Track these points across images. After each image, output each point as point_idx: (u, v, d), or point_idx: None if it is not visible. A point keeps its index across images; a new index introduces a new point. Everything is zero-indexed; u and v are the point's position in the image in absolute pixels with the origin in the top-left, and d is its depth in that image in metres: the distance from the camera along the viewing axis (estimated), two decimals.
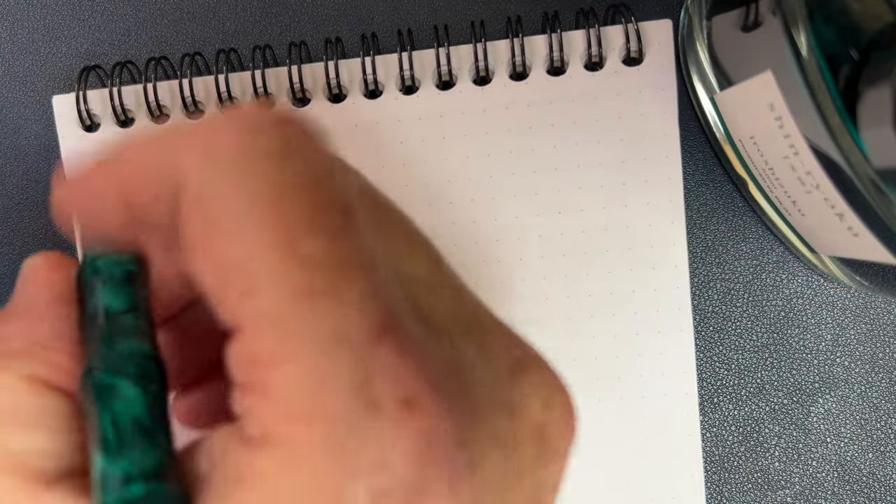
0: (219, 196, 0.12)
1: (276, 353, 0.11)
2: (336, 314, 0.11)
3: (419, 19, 0.27)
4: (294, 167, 0.12)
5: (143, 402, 0.13)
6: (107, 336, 0.13)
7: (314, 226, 0.11)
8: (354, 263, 0.11)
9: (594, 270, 0.26)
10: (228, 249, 0.11)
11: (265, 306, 0.11)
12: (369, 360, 0.11)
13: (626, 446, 0.26)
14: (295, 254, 0.11)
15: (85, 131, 0.26)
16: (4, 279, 0.27)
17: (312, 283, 0.11)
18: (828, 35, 0.18)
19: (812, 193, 0.21)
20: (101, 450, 0.12)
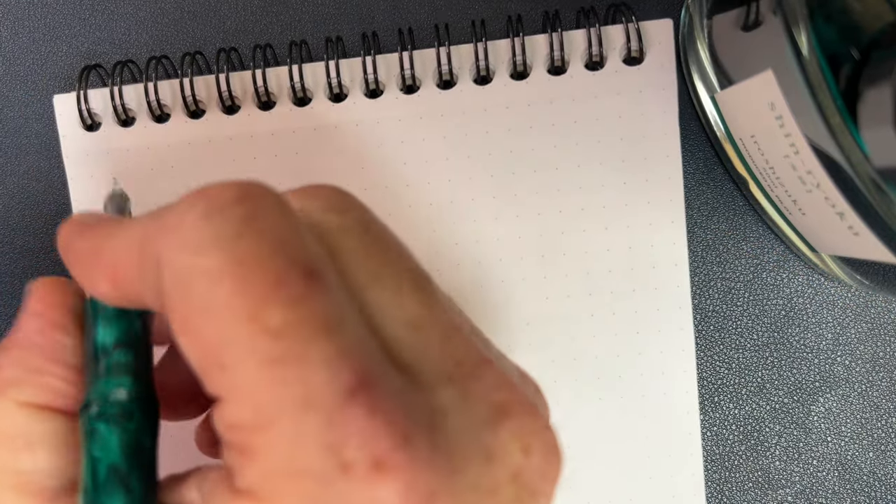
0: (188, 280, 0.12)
1: (253, 420, 0.12)
2: (303, 379, 0.12)
3: (420, 18, 0.27)
4: (249, 243, 0.12)
5: (119, 446, 0.14)
6: (97, 373, 0.15)
7: (275, 296, 0.12)
8: (320, 326, 0.12)
9: (594, 269, 0.26)
10: (202, 329, 0.12)
11: (238, 379, 0.12)
12: (339, 421, 0.12)
13: (626, 445, 0.26)
14: (260, 326, 0.12)
15: (86, 130, 0.26)
16: (4, 279, 0.27)
17: (278, 352, 0.12)
18: (828, 34, 0.18)
19: (812, 192, 0.21)
20: (82, 494, 0.14)
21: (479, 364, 0.14)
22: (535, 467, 0.13)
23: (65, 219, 0.16)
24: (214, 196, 0.13)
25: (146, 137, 0.26)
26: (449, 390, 0.13)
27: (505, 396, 0.13)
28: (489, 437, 0.13)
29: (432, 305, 0.14)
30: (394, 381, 0.12)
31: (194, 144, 0.26)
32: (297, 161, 0.26)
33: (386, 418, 0.12)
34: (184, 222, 0.13)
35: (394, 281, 0.14)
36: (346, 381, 0.12)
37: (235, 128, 0.26)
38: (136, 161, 0.26)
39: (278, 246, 0.13)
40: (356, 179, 0.26)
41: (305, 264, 0.13)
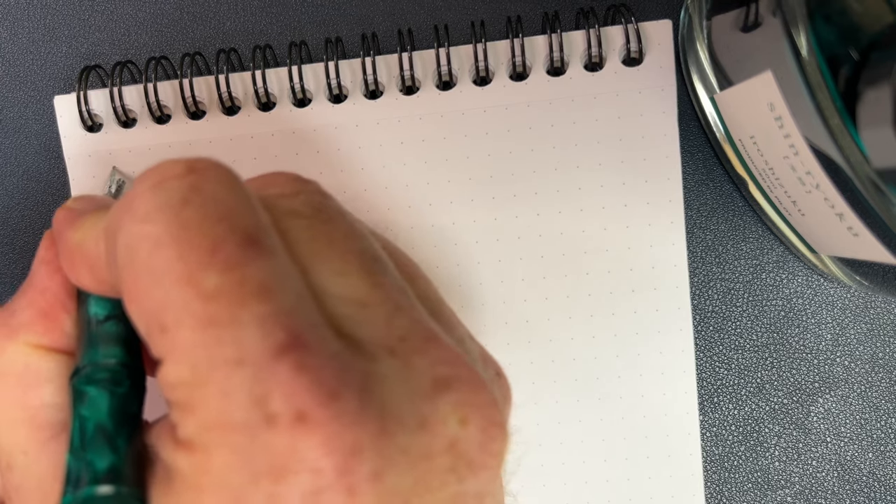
0: (134, 247, 0.13)
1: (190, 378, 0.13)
2: (235, 339, 0.12)
3: (419, 19, 0.27)
4: (193, 209, 0.13)
5: (108, 406, 0.15)
6: (89, 342, 0.16)
7: (213, 260, 0.13)
8: (255, 289, 0.13)
9: (594, 270, 0.26)
10: (145, 293, 0.13)
11: (177, 340, 0.13)
12: (266, 376, 0.12)
13: (625, 445, 0.26)
14: (196, 288, 0.13)
15: (87, 131, 0.26)
16: (4, 279, 0.27)
17: (213, 314, 0.12)
18: (828, 35, 0.19)
19: (812, 193, 0.21)
20: (69, 448, 0.15)
21: (426, 340, 0.14)
22: (473, 439, 0.13)
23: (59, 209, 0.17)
24: (164, 170, 0.14)
25: (147, 138, 0.26)
26: (389, 360, 0.13)
27: (448, 371, 0.14)
28: (426, 407, 0.13)
29: (379, 286, 0.14)
30: (329, 344, 0.13)
31: (195, 145, 0.26)
32: (297, 162, 0.26)
33: (313, 375, 0.12)
34: (135, 196, 0.14)
35: (339, 261, 0.14)
36: (277, 340, 0.12)
37: (236, 129, 0.26)
38: (137, 162, 0.26)
39: (221, 214, 0.13)
40: (356, 180, 0.26)
41: (246, 231, 0.13)
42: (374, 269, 0.15)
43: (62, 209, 0.17)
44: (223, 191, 0.14)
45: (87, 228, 0.16)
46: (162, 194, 0.13)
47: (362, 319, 0.14)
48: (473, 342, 0.16)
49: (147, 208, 0.13)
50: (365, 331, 0.14)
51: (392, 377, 0.13)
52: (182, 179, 0.14)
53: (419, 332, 0.14)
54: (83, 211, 0.17)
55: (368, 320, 0.14)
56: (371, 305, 0.14)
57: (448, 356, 0.14)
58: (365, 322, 0.14)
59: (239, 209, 0.14)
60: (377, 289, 0.14)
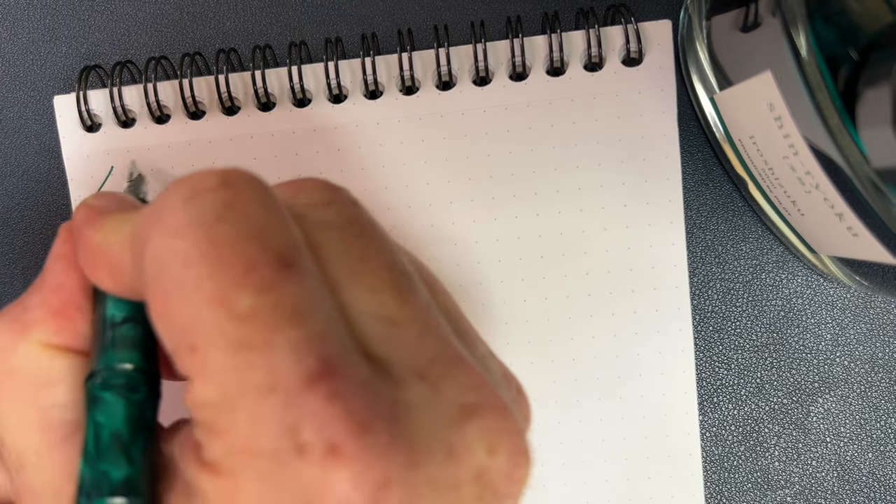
0: (164, 262, 0.13)
1: (219, 400, 0.12)
2: (266, 365, 0.12)
3: (419, 19, 0.27)
4: (226, 227, 0.13)
5: (124, 414, 0.14)
6: (105, 344, 0.15)
7: (246, 281, 0.12)
8: (288, 313, 0.12)
9: (593, 270, 0.26)
10: (175, 310, 0.13)
11: (207, 360, 0.12)
12: (298, 405, 0.12)
13: (625, 445, 0.26)
14: (229, 310, 0.12)
15: (86, 132, 0.26)
16: (4, 279, 0.27)
17: (245, 337, 0.12)
18: (827, 35, 0.19)
19: (811, 193, 0.21)
20: (83, 456, 0.14)
21: (453, 363, 0.14)
22: (501, 468, 0.13)
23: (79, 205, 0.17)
24: (196, 182, 0.13)
25: (146, 138, 0.26)
26: (418, 386, 0.13)
27: (476, 397, 0.13)
28: (454, 435, 0.13)
29: (409, 303, 0.14)
30: (360, 370, 0.13)
31: (194, 145, 0.26)
32: (297, 162, 0.26)
33: (345, 405, 0.12)
34: (165, 207, 0.13)
35: (371, 277, 0.14)
36: (310, 366, 0.12)
37: (235, 129, 0.26)
38: (137, 162, 0.26)
39: (254, 232, 0.13)
40: (356, 180, 0.26)
41: (279, 251, 0.13)
42: (404, 286, 0.14)
43: (83, 206, 0.17)
44: (257, 207, 0.13)
45: (110, 231, 0.15)
46: (194, 209, 0.13)
47: (391, 339, 0.14)
48: (494, 359, 0.16)
49: (178, 222, 0.13)
50: (394, 352, 0.13)
51: (420, 404, 0.13)
52: (215, 193, 0.13)
53: (447, 354, 0.14)
54: (105, 209, 0.16)
55: (397, 340, 0.14)
56: (401, 324, 0.14)
57: (474, 381, 0.14)
58: (393, 342, 0.14)
59: (272, 227, 0.13)
60: (407, 307, 0.14)
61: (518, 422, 0.14)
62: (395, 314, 0.14)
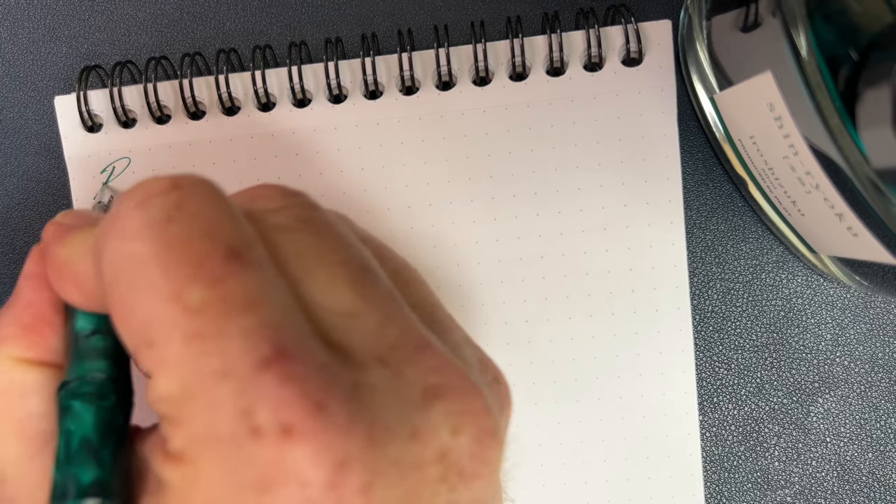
0: (120, 267, 0.13)
1: (178, 392, 0.13)
2: (220, 352, 0.12)
3: (419, 20, 0.27)
4: (176, 226, 0.13)
5: (93, 420, 0.15)
6: (75, 356, 0.16)
7: (197, 275, 0.13)
8: (240, 302, 0.13)
9: (593, 270, 0.26)
10: (132, 310, 0.13)
11: (164, 354, 0.13)
12: (251, 388, 0.12)
13: (624, 445, 0.26)
14: (182, 304, 0.13)
15: (87, 132, 0.26)
16: (4, 279, 0.27)
17: (198, 328, 0.13)
18: (827, 35, 0.19)
19: (811, 193, 0.21)
20: (55, 463, 0.15)
21: (417, 349, 0.14)
22: (465, 448, 0.13)
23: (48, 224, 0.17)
24: (148, 187, 0.14)
25: (147, 139, 0.26)
26: (379, 370, 0.13)
27: (440, 379, 0.14)
28: (417, 416, 0.13)
29: (368, 296, 0.14)
30: (317, 355, 0.13)
31: (195, 145, 0.26)
32: (296, 162, 0.26)
33: (300, 386, 0.12)
34: (119, 214, 0.14)
35: (327, 273, 0.14)
36: (263, 352, 0.12)
37: (235, 129, 0.26)
38: (137, 162, 0.26)
39: (204, 229, 0.13)
40: (355, 180, 0.26)
41: (229, 245, 0.13)
42: (363, 279, 0.15)
43: (51, 224, 0.17)
44: (207, 206, 0.14)
45: (76, 245, 0.16)
46: (146, 212, 0.14)
47: (351, 329, 0.14)
48: (471, 347, 0.16)
49: (131, 226, 0.13)
50: (354, 341, 0.14)
51: (382, 387, 0.13)
52: (166, 196, 0.14)
53: (410, 340, 0.14)
54: (72, 226, 0.17)
55: (358, 330, 0.14)
56: (360, 315, 0.14)
57: (439, 364, 0.14)
58: (354, 332, 0.14)
59: (222, 224, 0.14)
60: (365, 299, 0.14)
61: (487, 403, 0.14)
62: (353, 306, 0.14)
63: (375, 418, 0.13)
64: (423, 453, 0.13)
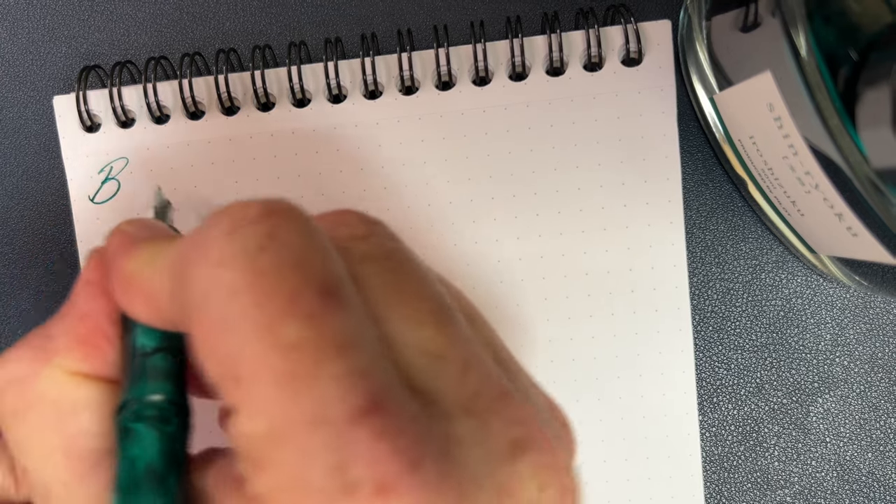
0: (209, 293, 0.13)
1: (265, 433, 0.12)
2: (315, 397, 0.12)
3: (419, 20, 0.27)
4: (270, 257, 0.13)
5: (158, 446, 0.14)
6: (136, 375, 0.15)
7: (292, 311, 0.12)
8: (335, 344, 0.12)
9: (593, 270, 0.26)
10: (219, 341, 0.12)
11: (253, 392, 0.12)
12: (347, 441, 0.12)
13: (624, 445, 0.26)
14: (275, 341, 0.12)
15: (86, 132, 0.26)
16: (4, 279, 0.27)
17: (292, 368, 0.12)
18: (827, 36, 0.19)
19: (811, 193, 0.21)
20: (116, 490, 0.14)
21: (499, 397, 0.13)
22: None
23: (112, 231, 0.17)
24: (238, 213, 0.13)
25: (146, 139, 0.26)
26: (466, 421, 0.13)
27: (523, 432, 0.13)
28: (505, 471, 0.13)
29: (451, 335, 0.14)
30: (408, 405, 0.12)
31: (194, 145, 0.26)
32: (296, 162, 0.26)
33: (395, 442, 0.12)
34: (208, 239, 0.13)
35: (413, 310, 0.14)
36: (358, 401, 0.12)
37: (235, 129, 0.26)
38: (135, 162, 0.26)
39: (298, 262, 0.13)
40: (355, 180, 0.26)
41: (324, 281, 0.13)
42: (446, 318, 0.14)
43: (117, 232, 0.16)
44: (299, 237, 0.13)
45: (146, 260, 0.15)
46: (238, 240, 0.13)
47: (435, 373, 0.13)
48: (537, 390, 0.16)
49: (222, 253, 0.13)
50: (440, 387, 0.13)
51: (469, 440, 0.13)
52: (258, 225, 0.13)
53: (492, 388, 0.13)
54: (138, 237, 0.16)
55: (442, 374, 0.13)
56: (443, 358, 0.13)
57: (522, 416, 0.13)
58: (438, 376, 0.13)
59: (316, 257, 0.13)
60: (449, 340, 0.14)
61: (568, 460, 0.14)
62: (438, 347, 0.14)
63: (465, 474, 0.12)
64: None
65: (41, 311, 0.27)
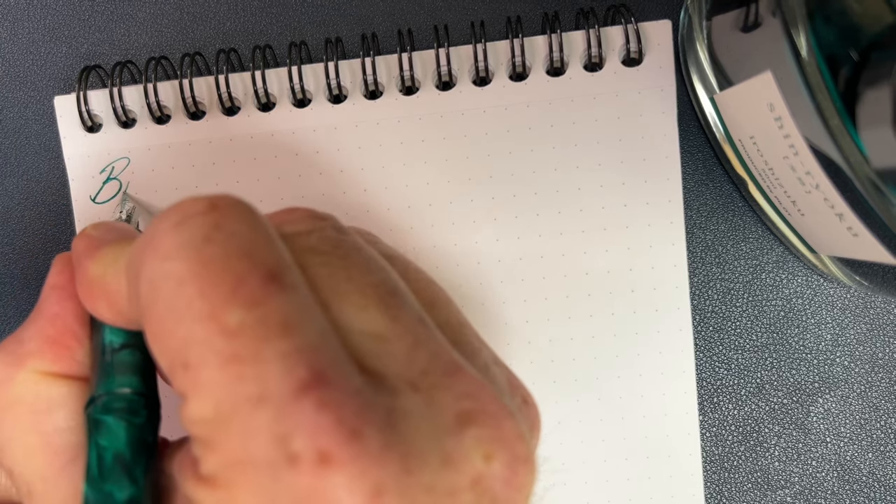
0: (157, 285, 0.13)
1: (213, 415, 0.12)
2: (257, 376, 0.12)
3: (419, 19, 0.27)
4: (214, 247, 0.13)
5: (126, 437, 0.15)
6: (104, 370, 0.16)
7: (235, 297, 0.13)
8: (277, 326, 0.13)
9: (593, 270, 0.26)
10: (168, 330, 0.13)
11: (200, 377, 0.13)
12: (288, 414, 0.12)
13: (624, 445, 0.26)
14: (219, 325, 0.13)
15: (87, 132, 0.26)
16: (4, 278, 0.27)
17: (236, 350, 0.12)
18: (827, 35, 0.19)
19: (812, 193, 0.21)
20: (86, 479, 0.15)
21: (448, 373, 0.14)
22: (499, 475, 0.13)
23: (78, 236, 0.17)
24: (186, 207, 0.14)
25: (147, 139, 0.26)
26: (412, 396, 0.13)
27: (472, 405, 0.13)
28: (450, 443, 0.13)
29: (398, 319, 0.14)
30: (352, 380, 0.13)
31: (195, 145, 0.26)
32: (296, 162, 0.26)
33: (336, 413, 0.12)
34: (156, 233, 0.14)
35: (358, 296, 0.14)
36: (300, 376, 0.12)
37: (235, 129, 0.26)
38: (136, 162, 0.26)
39: (242, 250, 0.13)
40: (355, 180, 0.26)
41: (267, 267, 0.13)
42: (393, 302, 0.15)
43: (82, 237, 0.17)
44: (245, 228, 0.14)
45: (108, 261, 0.16)
46: (184, 232, 0.13)
47: (383, 354, 0.14)
48: (499, 367, 0.16)
49: (169, 246, 0.13)
50: (386, 365, 0.14)
51: (415, 413, 0.13)
52: (204, 217, 0.14)
53: (441, 365, 0.14)
54: (102, 240, 0.17)
55: (389, 354, 0.14)
56: (391, 339, 0.14)
57: (471, 389, 0.14)
58: (386, 356, 0.14)
59: (260, 246, 0.14)
60: (396, 322, 0.14)
61: (520, 428, 0.14)
62: (384, 330, 0.14)
63: (409, 445, 0.12)
64: (456, 480, 0.13)
65: None
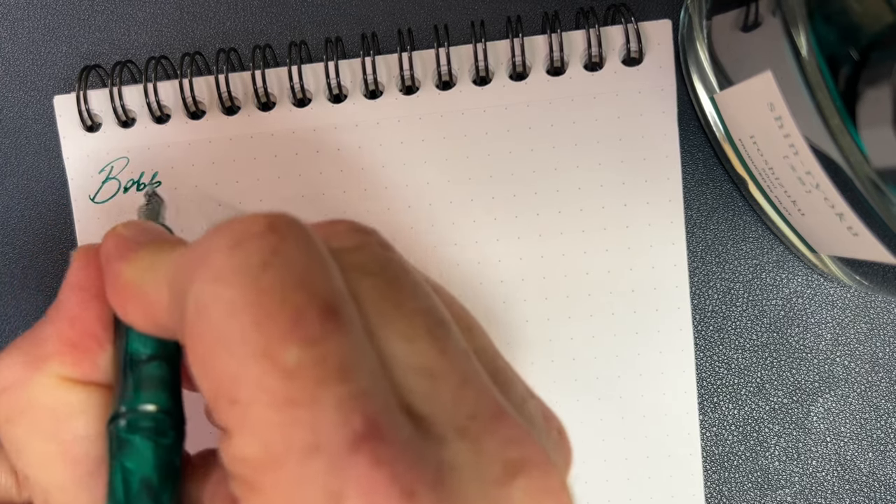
0: (208, 309, 0.12)
1: (261, 457, 0.12)
2: (312, 423, 0.12)
3: (419, 19, 0.27)
4: (273, 275, 0.12)
5: (153, 460, 0.14)
6: (130, 383, 0.15)
7: (292, 333, 0.12)
8: (334, 369, 0.12)
9: (593, 270, 0.26)
10: (216, 360, 0.12)
11: (249, 415, 0.12)
12: (343, 469, 0.11)
13: (625, 445, 0.26)
14: (274, 364, 0.12)
15: (86, 131, 0.26)
16: (4, 278, 0.27)
17: (290, 393, 0.12)
18: (828, 35, 0.18)
19: (812, 193, 0.21)
20: (110, 502, 0.14)
21: (494, 417, 0.13)
22: None
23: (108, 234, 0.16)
24: (241, 228, 0.13)
25: (146, 138, 0.26)
26: (460, 444, 0.13)
27: (518, 453, 0.13)
28: (499, 495, 0.12)
29: (446, 351, 0.13)
30: (403, 430, 0.12)
31: (194, 145, 0.26)
32: (296, 162, 0.26)
33: (390, 470, 0.11)
34: (210, 253, 0.13)
35: (407, 325, 0.13)
36: (355, 427, 0.12)
37: (235, 128, 0.26)
38: (135, 162, 0.26)
39: (301, 280, 0.12)
40: (355, 180, 0.26)
41: (325, 299, 0.12)
42: (440, 333, 0.14)
43: (113, 235, 0.16)
44: (303, 254, 0.13)
45: (145, 267, 0.15)
46: (241, 255, 0.13)
47: (429, 392, 0.13)
48: (533, 399, 0.16)
49: (223, 268, 0.12)
50: (434, 408, 0.13)
51: (464, 464, 0.12)
52: (262, 240, 0.13)
53: (487, 407, 0.13)
54: (135, 241, 0.16)
55: (436, 394, 0.13)
56: (438, 376, 0.13)
57: (517, 435, 0.13)
58: (432, 396, 0.13)
59: (318, 274, 0.13)
60: (444, 356, 0.13)
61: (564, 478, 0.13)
62: (433, 365, 0.13)
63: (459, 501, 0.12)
64: None
65: (42, 310, 0.27)
